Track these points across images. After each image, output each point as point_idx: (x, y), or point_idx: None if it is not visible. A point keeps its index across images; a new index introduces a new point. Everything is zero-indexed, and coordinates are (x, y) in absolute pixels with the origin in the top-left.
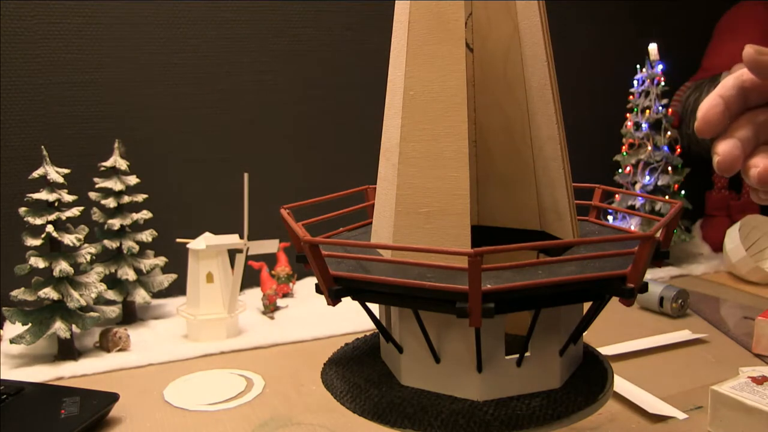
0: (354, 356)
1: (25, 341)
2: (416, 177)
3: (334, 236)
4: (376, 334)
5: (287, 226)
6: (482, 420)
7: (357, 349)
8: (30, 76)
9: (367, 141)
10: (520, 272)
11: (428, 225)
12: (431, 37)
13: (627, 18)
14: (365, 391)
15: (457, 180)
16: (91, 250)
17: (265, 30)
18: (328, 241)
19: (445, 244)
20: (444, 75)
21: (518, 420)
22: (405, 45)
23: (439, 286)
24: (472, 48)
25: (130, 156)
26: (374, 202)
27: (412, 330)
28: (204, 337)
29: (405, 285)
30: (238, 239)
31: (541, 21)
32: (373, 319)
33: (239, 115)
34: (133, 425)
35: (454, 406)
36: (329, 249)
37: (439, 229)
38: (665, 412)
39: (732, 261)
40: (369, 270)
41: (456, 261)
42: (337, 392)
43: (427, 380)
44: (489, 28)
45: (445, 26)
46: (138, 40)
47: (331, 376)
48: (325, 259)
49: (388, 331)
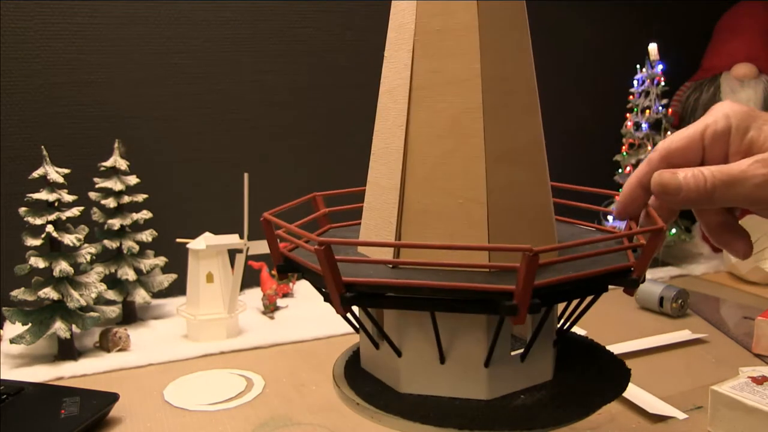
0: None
1: (25, 341)
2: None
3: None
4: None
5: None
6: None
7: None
8: (30, 76)
9: (367, 141)
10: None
11: (439, 225)
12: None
13: (627, 18)
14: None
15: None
16: (91, 250)
17: (265, 30)
18: (349, 241)
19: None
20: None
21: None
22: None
23: (489, 287)
24: None
25: (130, 156)
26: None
27: (414, 334)
28: (204, 337)
29: (450, 288)
30: (238, 239)
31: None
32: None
33: (239, 115)
34: (133, 425)
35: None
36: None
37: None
38: (665, 412)
39: (732, 261)
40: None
41: (476, 258)
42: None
43: (430, 384)
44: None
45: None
46: (138, 40)
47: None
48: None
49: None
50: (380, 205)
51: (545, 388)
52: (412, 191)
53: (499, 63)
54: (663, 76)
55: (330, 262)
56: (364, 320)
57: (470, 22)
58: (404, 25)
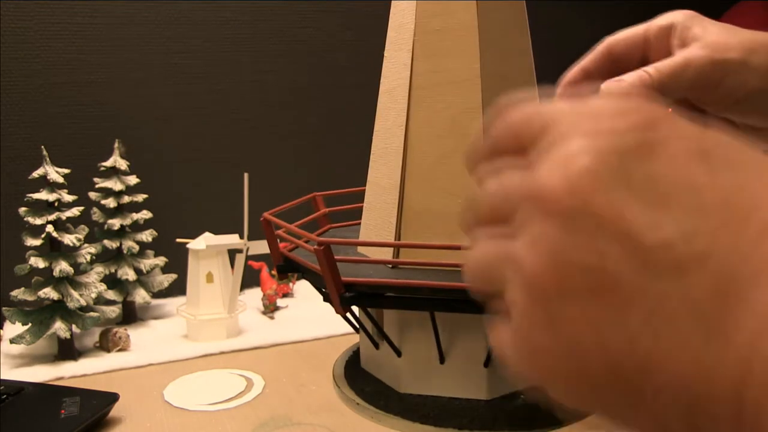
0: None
1: (25, 341)
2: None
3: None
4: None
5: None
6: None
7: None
8: (30, 76)
9: (367, 141)
10: None
11: (439, 225)
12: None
13: (627, 18)
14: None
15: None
16: (91, 250)
17: (265, 30)
18: (349, 241)
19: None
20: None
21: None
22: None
23: None
24: None
25: (130, 156)
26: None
27: (414, 334)
28: (204, 337)
29: (450, 288)
30: (238, 239)
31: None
32: (376, 326)
33: (239, 115)
34: (133, 425)
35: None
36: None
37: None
38: None
39: None
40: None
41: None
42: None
43: (430, 384)
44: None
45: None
46: (138, 40)
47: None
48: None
49: (387, 335)
50: (380, 205)
51: None
52: (412, 191)
53: (498, 63)
54: None
55: (330, 262)
56: (364, 320)
57: (470, 22)
58: (404, 25)
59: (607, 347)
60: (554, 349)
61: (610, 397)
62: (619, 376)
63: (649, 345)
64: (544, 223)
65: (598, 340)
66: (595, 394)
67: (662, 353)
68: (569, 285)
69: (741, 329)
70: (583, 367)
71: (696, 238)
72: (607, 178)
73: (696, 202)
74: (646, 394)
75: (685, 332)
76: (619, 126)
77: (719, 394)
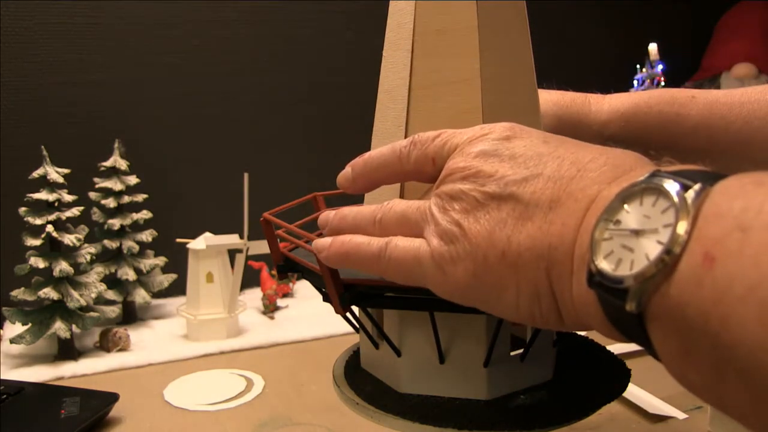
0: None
1: (25, 341)
2: None
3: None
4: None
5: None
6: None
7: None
8: (30, 76)
9: (367, 141)
10: None
11: None
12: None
13: (627, 18)
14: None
15: None
16: (91, 250)
17: (265, 30)
18: None
19: None
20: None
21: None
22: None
23: None
24: None
25: (130, 156)
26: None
27: (414, 334)
28: (204, 337)
29: None
30: (238, 239)
31: None
32: (376, 325)
33: (239, 115)
34: (133, 425)
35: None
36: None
37: None
38: (665, 412)
39: None
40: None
41: None
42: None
43: (430, 384)
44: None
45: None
46: (138, 40)
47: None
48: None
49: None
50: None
51: (545, 388)
52: (412, 191)
53: (499, 63)
54: (663, 76)
55: None
56: (364, 320)
57: (470, 22)
58: (403, 25)
59: (492, 239)
60: (462, 246)
61: (495, 274)
62: (500, 257)
63: (509, 231)
64: (457, 183)
65: (487, 235)
66: (485, 277)
67: (519, 235)
68: (471, 203)
69: (554, 222)
70: (476, 254)
71: (537, 178)
72: (488, 155)
73: (539, 161)
74: (518, 264)
75: (528, 219)
76: (491, 130)
77: (559, 257)
